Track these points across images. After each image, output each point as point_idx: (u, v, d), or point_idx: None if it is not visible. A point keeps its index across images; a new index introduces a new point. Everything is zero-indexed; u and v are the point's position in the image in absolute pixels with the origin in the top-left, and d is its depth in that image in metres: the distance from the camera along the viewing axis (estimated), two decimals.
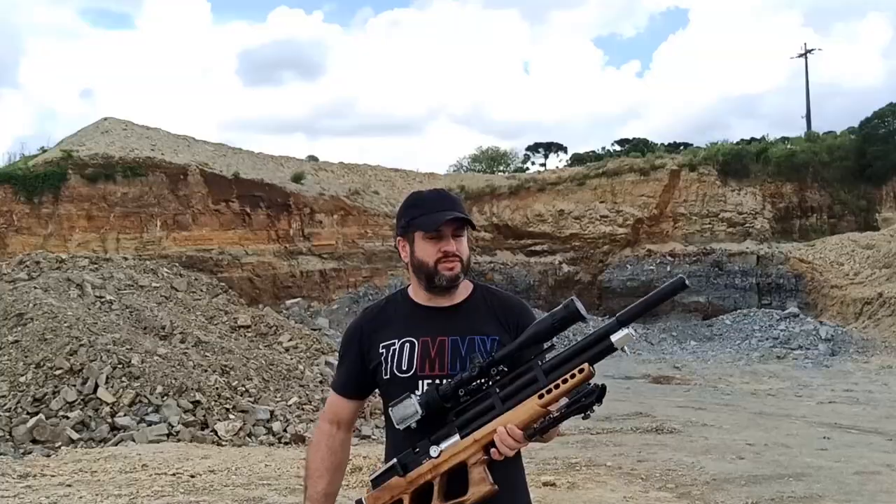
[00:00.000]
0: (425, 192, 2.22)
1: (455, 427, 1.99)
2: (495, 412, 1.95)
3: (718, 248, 28.91)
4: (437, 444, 1.98)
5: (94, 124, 27.92)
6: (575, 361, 1.91)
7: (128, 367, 9.85)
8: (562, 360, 1.94)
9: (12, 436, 8.88)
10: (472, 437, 1.95)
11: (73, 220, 23.92)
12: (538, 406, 1.91)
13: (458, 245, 2.13)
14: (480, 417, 1.97)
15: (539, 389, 1.92)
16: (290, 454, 8.52)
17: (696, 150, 34.33)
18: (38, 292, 12.08)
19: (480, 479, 1.94)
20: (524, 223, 30.35)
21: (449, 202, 2.16)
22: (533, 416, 1.91)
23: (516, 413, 1.93)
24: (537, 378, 1.94)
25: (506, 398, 1.96)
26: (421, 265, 2.14)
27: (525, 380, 1.96)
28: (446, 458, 1.97)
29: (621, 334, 1.88)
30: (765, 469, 8.02)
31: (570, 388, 1.89)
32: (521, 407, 1.93)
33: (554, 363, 1.94)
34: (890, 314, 23.23)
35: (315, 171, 30.12)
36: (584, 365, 1.89)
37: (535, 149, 47.34)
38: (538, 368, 1.95)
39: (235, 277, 24.58)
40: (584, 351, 1.92)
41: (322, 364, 12.86)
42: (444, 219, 2.09)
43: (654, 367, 21.07)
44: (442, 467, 1.97)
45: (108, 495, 6.06)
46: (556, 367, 1.93)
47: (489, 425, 1.94)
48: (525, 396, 1.94)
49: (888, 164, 29.90)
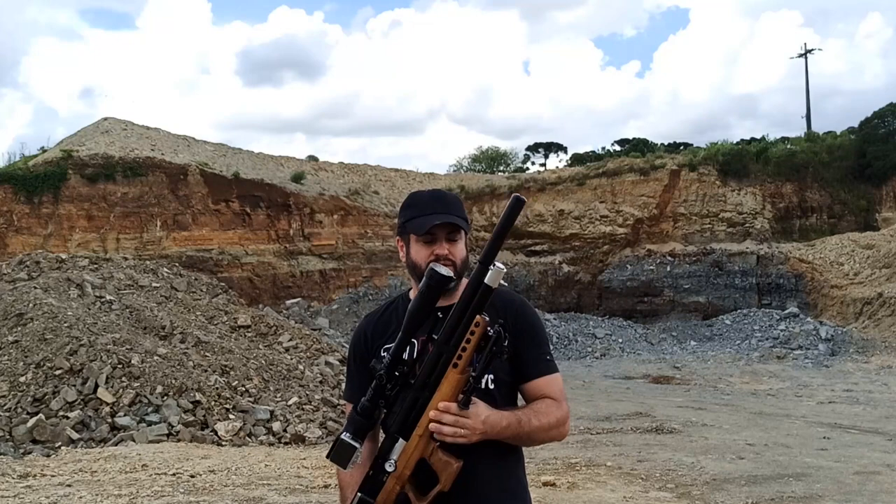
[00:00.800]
0: (422, 193, 2.21)
1: (393, 435, 2.00)
2: (421, 401, 1.97)
3: (718, 248, 28.91)
4: (388, 458, 1.98)
5: (94, 124, 27.91)
6: (466, 319, 1.94)
7: (128, 367, 9.85)
8: (453, 324, 1.96)
9: (12, 436, 8.88)
10: (414, 434, 1.96)
11: (73, 220, 23.91)
12: (458, 374, 1.93)
13: (452, 248, 2.12)
14: (411, 412, 1.98)
15: (450, 360, 1.94)
16: (290, 454, 8.52)
17: (696, 150, 34.30)
18: (38, 292, 12.08)
19: (444, 464, 1.95)
20: (524, 223, 30.32)
21: (443, 204, 2.14)
22: (457, 386, 1.93)
23: (441, 391, 1.94)
24: (442, 352, 1.96)
25: (423, 385, 1.97)
26: (414, 267, 2.15)
27: (433, 360, 1.98)
28: (403, 466, 1.97)
29: (491, 273, 1.92)
30: (765, 469, 8.02)
31: (475, 343, 1.92)
32: (443, 384, 1.94)
33: (447, 330, 1.96)
34: (890, 314, 23.22)
35: (315, 171, 30.10)
36: (477, 317, 1.92)
37: (535, 149, 47.30)
38: (436, 344, 1.97)
39: (235, 277, 24.58)
40: (468, 305, 1.94)
41: (322, 364, 12.85)
42: (432, 223, 2.09)
43: (654, 367, 21.08)
44: (405, 474, 1.98)
45: (108, 495, 6.06)
46: (452, 333, 1.95)
47: (424, 415, 1.96)
48: (441, 373, 1.95)
49: (888, 164, 29.91)
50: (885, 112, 31.71)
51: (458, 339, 1.94)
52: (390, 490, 1.98)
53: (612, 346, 24.28)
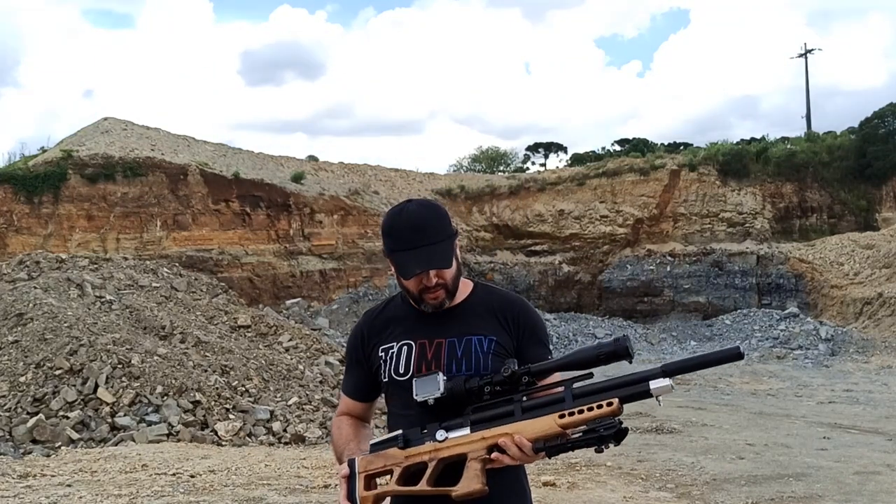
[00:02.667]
0: (400, 221, 2.10)
1: (469, 420, 1.98)
2: (513, 418, 1.94)
3: (718, 248, 28.91)
4: (446, 431, 1.97)
5: (94, 124, 27.91)
6: (606, 394, 1.88)
7: (128, 367, 9.85)
8: (594, 389, 1.91)
9: (12, 436, 8.88)
10: (480, 433, 1.94)
11: (73, 220, 23.90)
12: (556, 425, 1.89)
13: (441, 274, 2.10)
14: (497, 419, 1.96)
15: (562, 409, 1.90)
16: (290, 454, 8.52)
17: (696, 150, 34.29)
18: (38, 292, 12.08)
19: (474, 476, 1.91)
20: (524, 223, 30.34)
21: (423, 235, 2.06)
22: (548, 433, 1.89)
23: (532, 425, 1.91)
24: (564, 398, 1.92)
25: (527, 409, 1.95)
26: (407, 291, 2.15)
27: (552, 397, 1.95)
28: (449, 446, 1.95)
29: (661, 384, 1.86)
30: (765, 469, 8.02)
31: (593, 416, 1.86)
32: (538, 420, 1.91)
33: (585, 390, 1.93)
34: (890, 314, 23.22)
35: (315, 171, 30.11)
36: (615, 399, 1.86)
37: (535, 149, 47.22)
38: (568, 390, 1.94)
39: (235, 277, 24.57)
40: (619, 387, 1.89)
41: (322, 364, 12.85)
42: (414, 273, 2.06)
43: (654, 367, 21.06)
44: (442, 452, 1.95)
45: (108, 495, 6.06)
46: (585, 394, 1.91)
47: (502, 427, 1.93)
48: (546, 412, 1.92)
49: (888, 164, 29.91)
50: (885, 112, 31.70)
51: (585, 401, 1.89)
52: (422, 452, 1.97)
53: None
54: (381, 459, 2.00)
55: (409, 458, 1.98)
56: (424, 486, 1.95)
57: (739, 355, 1.84)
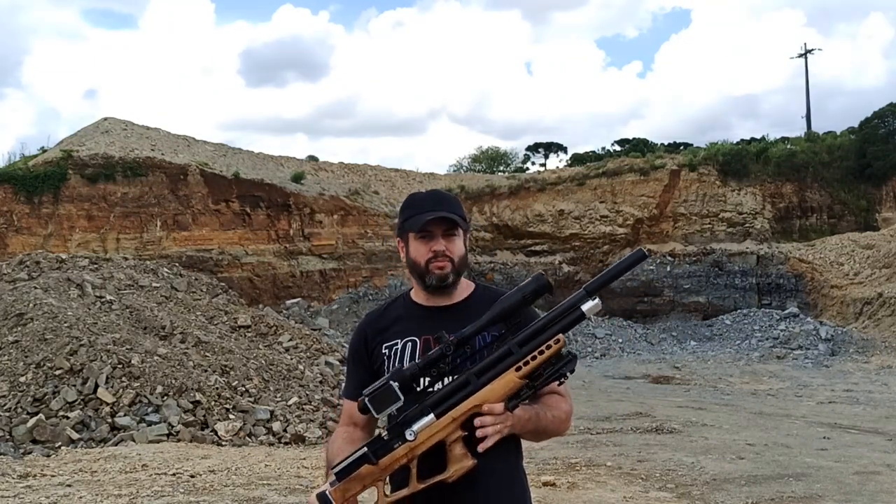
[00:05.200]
0: (420, 193, 2.23)
1: (427, 406, 1.95)
2: (471, 388, 1.94)
3: (718, 248, 28.91)
4: (410, 426, 1.93)
5: (94, 124, 27.91)
6: (548, 332, 1.95)
7: (128, 367, 9.85)
8: (534, 331, 1.96)
9: (12, 436, 8.88)
10: (449, 415, 1.93)
11: (73, 220, 23.90)
12: (517, 378, 1.92)
13: (449, 244, 2.14)
14: (456, 394, 1.95)
15: (516, 362, 1.94)
16: (290, 454, 8.52)
17: (696, 150, 34.28)
18: (38, 292, 12.08)
19: (462, 455, 1.91)
20: (524, 223, 30.34)
21: (440, 202, 2.16)
22: (512, 389, 1.93)
23: (494, 387, 1.93)
24: (512, 351, 1.95)
25: (481, 373, 1.96)
26: (414, 265, 2.17)
27: (499, 354, 1.97)
28: (423, 440, 1.92)
29: (590, 304, 1.95)
30: (765, 469, 8.02)
31: (546, 358, 1.92)
32: (499, 380, 1.93)
33: (527, 335, 1.96)
34: (890, 314, 23.22)
35: (315, 171, 30.11)
36: (559, 335, 1.93)
37: (535, 149, 47.21)
38: (511, 342, 1.96)
39: (235, 277, 24.58)
40: (556, 321, 1.96)
41: (322, 364, 12.86)
42: (427, 218, 2.11)
43: (654, 367, 21.08)
44: (419, 450, 1.93)
45: (108, 495, 6.06)
46: (529, 340, 1.95)
47: (467, 402, 1.93)
48: (502, 370, 1.94)
49: (888, 164, 29.91)
50: (885, 112, 31.69)
51: (533, 346, 1.93)
52: (398, 458, 1.93)
53: (612, 346, 24.29)
54: (356, 482, 1.94)
55: (387, 469, 1.94)
56: (415, 486, 1.93)
57: (644, 256, 2.00)
